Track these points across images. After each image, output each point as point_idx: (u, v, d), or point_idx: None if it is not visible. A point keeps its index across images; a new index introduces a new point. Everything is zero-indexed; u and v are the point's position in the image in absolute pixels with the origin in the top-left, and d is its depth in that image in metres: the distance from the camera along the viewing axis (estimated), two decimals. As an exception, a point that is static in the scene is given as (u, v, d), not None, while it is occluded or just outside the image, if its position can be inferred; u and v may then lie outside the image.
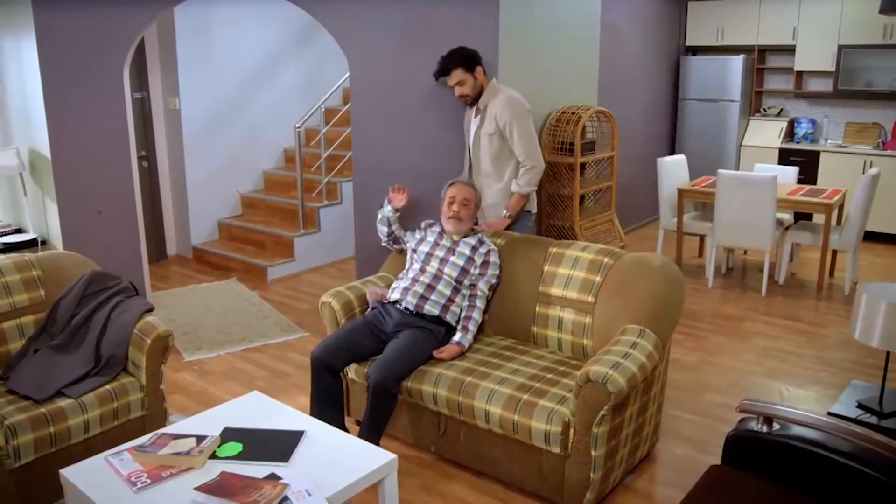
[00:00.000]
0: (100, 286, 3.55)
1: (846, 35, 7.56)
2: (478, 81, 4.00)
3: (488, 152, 4.01)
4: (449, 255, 3.59)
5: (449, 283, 3.54)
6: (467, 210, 3.66)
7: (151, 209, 6.76)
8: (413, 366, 3.36)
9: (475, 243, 3.64)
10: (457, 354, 3.41)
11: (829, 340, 4.92)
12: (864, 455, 2.31)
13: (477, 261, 3.60)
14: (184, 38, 6.50)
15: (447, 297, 3.52)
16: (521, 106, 3.97)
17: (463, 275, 3.57)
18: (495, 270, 3.63)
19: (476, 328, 3.52)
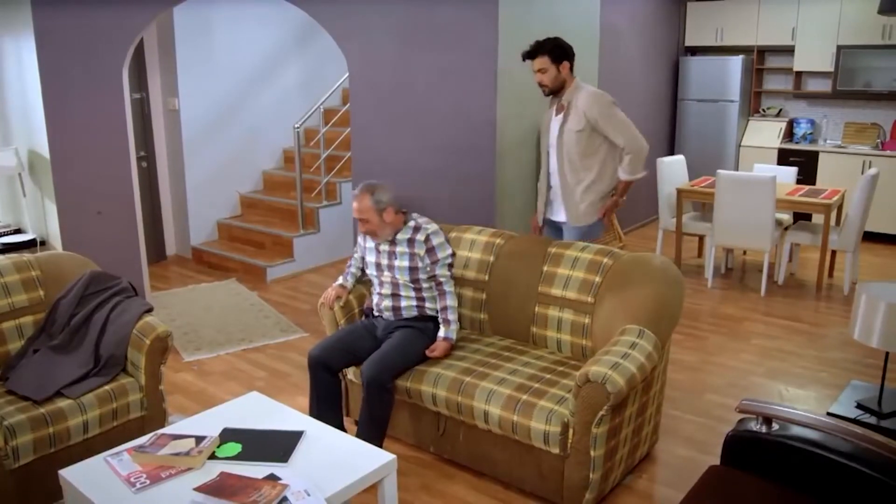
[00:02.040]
0: (99, 287, 3.55)
1: (845, 35, 7.56)
2: (560, 76, 3.97)
3: (576, 148, 3.96)
4: (392, 260, 3.45)
5: (408, 286, 3.45)
6: (372, 222, 3.36)
7: (151, 209, 6.76)
8: (408, 362, 3.35)
9: (410, 235, 3.42)
10: (448, 350, 3.40)
11: (829, 341, 4.93)
12: (863, 455, 2.31)
13: (420, 252, 3.40)
14: (183, 38, 6.49)
15: (415, 298, 3.47)
16: (606, 97, 3.99)
17: (415, 273, 3.42)
18: (445, 252, 3.44)
19: (456, 314, 3.46)
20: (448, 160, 4.60)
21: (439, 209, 4.69)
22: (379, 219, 3.35)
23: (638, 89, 7.85)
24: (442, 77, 4.51)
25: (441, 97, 4.54)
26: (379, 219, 3.35)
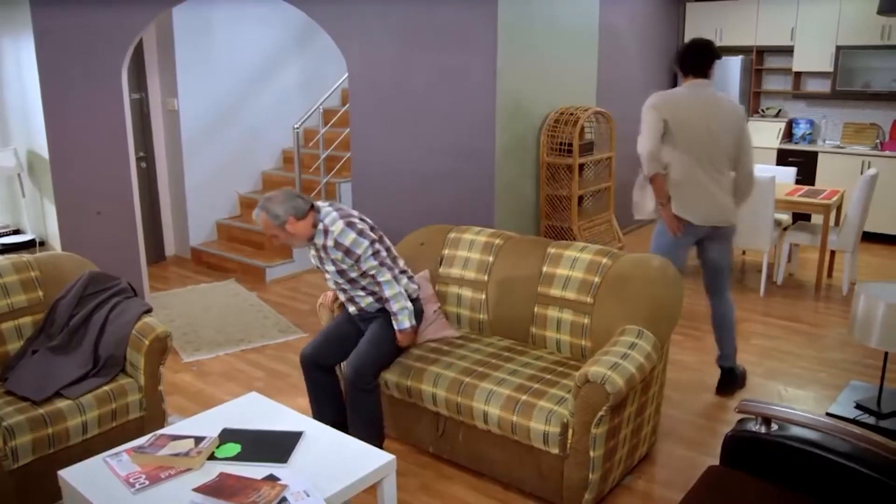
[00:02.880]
0: (98, 287, 3.55)
1: (844, 36, 7.56)
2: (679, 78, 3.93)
3: None
4: (326, 264, 3.34)
5: (350, 285, 3.35)
6: (280, 237, 3.25)
7: (150, 210, 6.76)
8: (384, 356, 3.35)
9: (323, 240, 3.24)
10: (411, 338, 3.38)
11: (828, 341, 4.93)
12: (862, 455, 2.31)
13: (338, 256, 3.23)
14: (182, 38, 6.49)
15: (366, 294, 3.37)
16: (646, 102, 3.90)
17: (345, 274, 3.30)
18: (361, 247, 3.20)
19: (399, 303, 3.28)
20: (447, 160, 4.60)
21: (438, 209, 4.69)
22: (284, 233, 3.20)
23: (637, 89, 7.84)
24: (441, 77, 4.52)
25: (440, 97, 4.55)
26: (284, 233, 3.20)
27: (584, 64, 5.30)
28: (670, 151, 3.80)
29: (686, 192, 3.83)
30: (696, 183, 3.82)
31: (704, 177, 3.81)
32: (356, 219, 3.28)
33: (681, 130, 3.77)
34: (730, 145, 3.80)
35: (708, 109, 3.77)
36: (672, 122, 3.75)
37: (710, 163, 3.80)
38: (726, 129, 3.77)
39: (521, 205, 4.83)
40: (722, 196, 3.86)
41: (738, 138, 3.81)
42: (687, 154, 3.79)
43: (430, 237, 4.02)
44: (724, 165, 3.84)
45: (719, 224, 3.91)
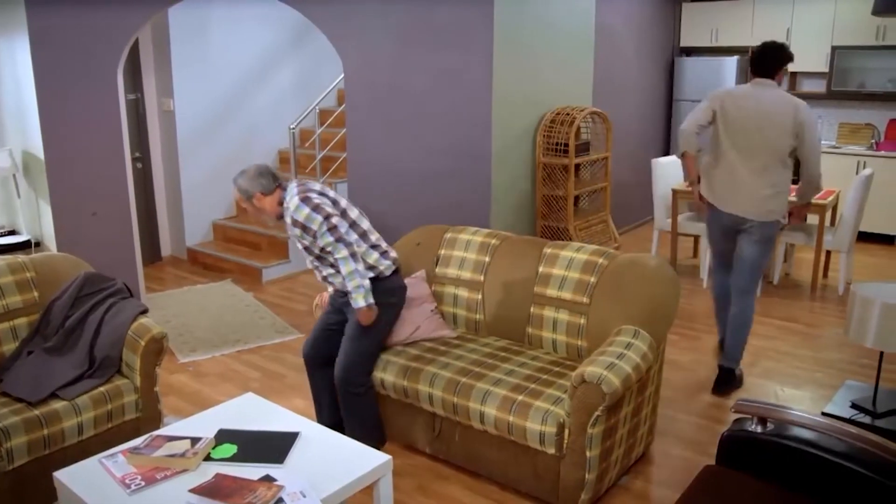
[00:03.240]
0: (94, 288, 3.54)
1: (839, 36, 7.58)
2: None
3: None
4: (297, 243, 3.31)
5: (320, 261, 3.29)
6: (249, 211, 3.26)
7: (146, 210, 6.75)
8: (367, 349, 3.33)
9: (286, 217, 3.22)
10: (368, 317, 3.22)
11: (824, 341, 4.94)
12: (857, 455, 2.31)
13: (298, 232, 3.19)
14: (178, 39, 6.49)
15: (335, 271, 3.29)
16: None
17: (311, 250, 3.26)
18: (315, 222, 3.11)
19: (353, 280, 3.14)
20: (443, 161, 4.60)
21: (435, 210, 4.69)
22: (252, 207, 3.22)
23: (633, 90, 7.86)
24: (437, 78, 4.52)
25: (437, 98, 4.55)
26: (252, 207, 3.22)
27: (580, 64, 5.30)
28: (714, 139, 4.07)
29: (716, 177, 4.07)
30: (729, 172, 4.01)
31: (741, 169, 3.97)
32: (314, 193, 3.19)
33: (727, 122, 3.97)
34: (783, 145, 3.87)
35: (761, 108, 3.88)
36: (720, 113, 3.98)
37: (752, 157, 3.93)
38: (778, 128, 3.85)
39: (518, 205, 4.83)
40: (756, 190, 3.95)
41: (794, 139, 3.86)
42: (728, 144, 3.99)
43: (427, 237, 4.02)
44: (770, 162, 3.91)
45: (744, 215, 4.01)
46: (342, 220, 3.19)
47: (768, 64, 3.93)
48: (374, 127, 4.83)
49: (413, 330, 3.58)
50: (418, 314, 3.65)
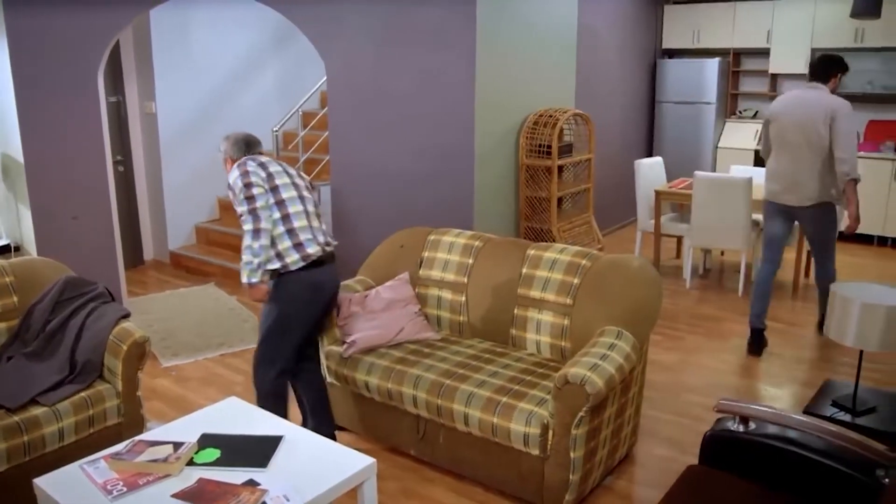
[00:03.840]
0: (74, 292, 3.51)
1: (819, 38, 7.66)
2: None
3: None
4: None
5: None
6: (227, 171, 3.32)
7: (128, 214, 6.70)
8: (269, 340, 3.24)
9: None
10: (253, 296, 3.15)
11: (805, 340, 4.98)
12: (838, 453, 2.34)
13: (231, 195, 3.18)
14: (160, 41, 6.45)
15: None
16: None
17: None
18: (236, 188, 3.10)
19: (246, 255, 3.07)
20: (427, 162, 4.60)
21: (418, 212, 4.69)
22: (226, 169, 3.32)
23: (616, 91, 7.90)
24: (420, 80, 4.52)
25: (419, 100, 4.55)
26: (226, 169, 3.32)
27: (562, 66, 5.32)
28: (766, 142, 4.72)
29: (768, 172, 4.67)
30: (775, 166, 4.59)
31: (785, 161, 4.52)
32: (254, 164, 3.16)
33: (775, 125, 4.57)
34: (822, 137, 4.36)
35: (803, 107, 4.42)
36: (771, 118, 4.60)
37: (795, 150, 4.47)
38: (815, 123, 4.36)
39: (501, 207, 4.84)
40: (802, 179, 4.47)
41: (828, 131, 4.34)
42: (774, 143, 4.59)
43: (410, 239, 4.02)
44: (813, 154, 4.41)
45: (788, 203, 4.56)
46: (265, 195, 3.11)
47: (819, 70, 4.51)
48: (356, 129, 4.83)
49: (397, 332, 3.58)
50: (402, 316, 3.65)
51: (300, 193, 3.26)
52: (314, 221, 3.27)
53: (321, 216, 3.40)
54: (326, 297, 3.35)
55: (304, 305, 3.26)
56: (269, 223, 3.11)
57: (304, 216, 3.22)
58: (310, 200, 3.32)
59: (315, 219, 3.29)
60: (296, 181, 3.29)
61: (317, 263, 3.22)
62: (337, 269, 3.39)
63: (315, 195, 3.45)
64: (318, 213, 3.36)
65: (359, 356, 3.47)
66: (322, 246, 3.24)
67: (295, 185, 3.26)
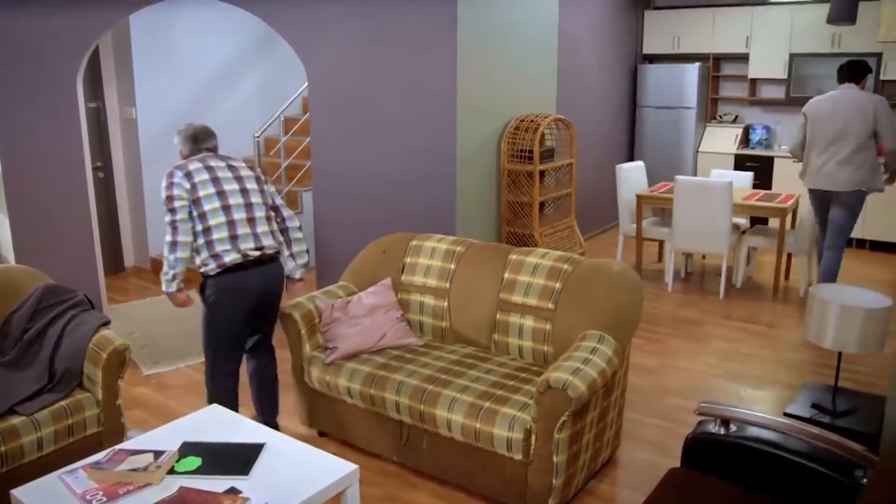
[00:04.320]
0: (53, 300, 3.48)
1: (797, 44, 7.74)
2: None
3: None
4: None
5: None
6: None
7: (108, 220, 6.65)
8: (205, 341, 3.46)
9: None
10: (177, 302, 3.42)
11: (786, 342, 5.02)
12: (818, 454, 2.36)
13: None
14: (140, 46, 6.41)
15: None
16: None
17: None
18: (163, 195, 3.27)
19: (164, 266, 3.30)
20: (409, 168, 4.61)
21: (400, 218, 4.69)
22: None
23: (597, 96, 7.94)
24: (401, 85, 4.52)
25: (401, 106, 4.55)
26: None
27: (543, 72, 5.35)
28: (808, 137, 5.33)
29: (806, 165, 5.37)
30: (813, 158, 5.30)
31: (824, 153, 5.22)
32: (180, 174, 3.24)
33: (813, 122, 5.26)
34: (860, 131, 5.05)
35: (841, 106, 5.11)
36: (808, 116, 5.30)
37: (832, 144, 5.16)
38: (855, 120, 5.05)
39: (483, 212, 4.85)
40: (836, 169, 5.17)
41: (871, 126, 5.03)
42: (813, 138, 5.28)
43: (392, 245, 4.01)
44: (850, 147, 5.09)
45: (827, 188, 5.25)
46: (187, 208, 3.22)
47: (849, 73, 5.17)
48: (338, 135, 4.82)
49: (379, 338, 3.58)
50: (384, 322, 3.65)
51: (225, 203, 3.28)
52: (241, 229, 3.30)
53: (267, 208, 3.46)
54: (251, 299, 3.37)
55: (226, 308, 3.35)
56: (188, 235, 3.23)
57: (226, 227, 3.26)
58: (242, 207, 3.33)
59: (244, 225, 3.31)
60: (226, 188, 3.31)
61: (241, 267, 3.29)
62: (274, 269, 3.43)
63: (268, 187, 3.54)
64: (262, 215, 3.40)
65: (341, 362, 3.46)
66: (244, 252, 3.28)
67: (221, 193, 3.29)
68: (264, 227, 3.39)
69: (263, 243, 3.35)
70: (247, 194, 3.36)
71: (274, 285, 3.45)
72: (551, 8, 5.32)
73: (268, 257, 3.38)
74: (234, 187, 3.34)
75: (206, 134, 3.47)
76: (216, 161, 3.38)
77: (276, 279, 3.45)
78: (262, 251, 3.34)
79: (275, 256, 3.43)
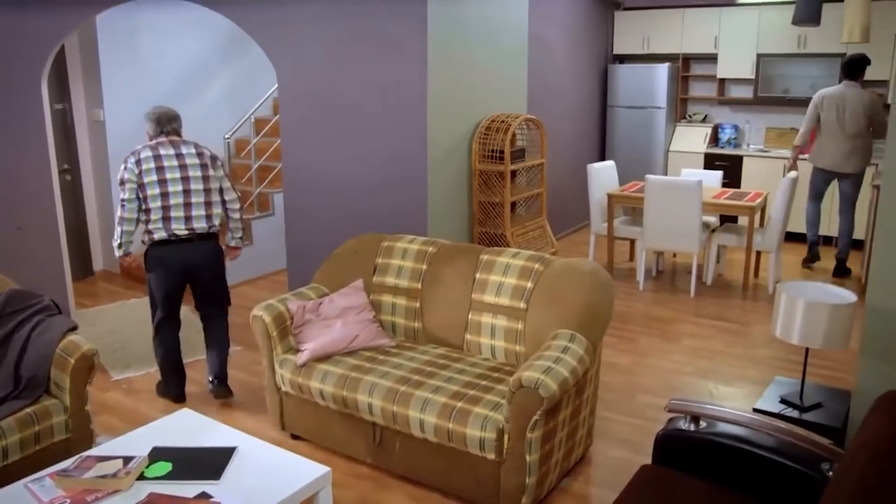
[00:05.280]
0: (19, 305, 3.42)
1: (764, 44, 7.85)
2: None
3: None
4: None
5: None
6: None
7: (75, 224, 6.55)
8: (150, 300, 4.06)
9: None
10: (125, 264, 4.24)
11: (755, 339, 5.08)
12: (785, 449, 2.39)
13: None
14: (107, 47, 6.32)
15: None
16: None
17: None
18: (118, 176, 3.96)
19: (115, 237, 3.96)
20: (380, 169, 4.59)
21: (372, 219, 4.68)
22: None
23: (568, 97, 7.98)
24: (372, 86, 4.51)
25: (371, 106, 4.54)
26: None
27: (514, 72, 5.36)
28: (820, 125, 6.33)
29: (818, 149, 6.38)
30: (824, 144, 6.30)
31: (831, 141, 6.24)
32: (133, 161, 3.85)
33: (823, 113, 6.26)
34: (857, 122, 6.10)
35: (844, 100, 6.12)
36: (819, 108, 6.29)
37: (838, 132, 6.18)
38: (853, 112, 6.10)
39: (455, 212, 4.85)
40: (842, 153, 6.22)
41: (865, 117, 6.08)
42: (823, 126, 6.28)
43: (363, 246, 4.01)
44: (851, 134, 6.14)
45: (837, 169, 6.30)
46: (134, 190, 3.84)
47: (850, 70, 6.13)
48: (309, 136, 4.79)
49: (351, 339, 3.57)
50: (356, 323, 3.64)
51: (165, 190, 3.83)
52: (175, 212, 3.85)
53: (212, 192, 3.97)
54: (176, 269, 3.91)
55: (157, 272, 3.92)
56: (133, 213, 3.86)
57: (161, 210, 3.84)
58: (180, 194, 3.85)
59: (178, 209, 3.85)
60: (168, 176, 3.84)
61: (168, 243, 3.87)
62: (203, 246, 3.96)
63: (216, 172, 4.03)
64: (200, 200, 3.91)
65: (313, 364, 3.45)
66: (172, 232, 3.85)
67: (163, 180, 3.83)
68: (200, 210, 3.90)
69: (194, 225, 3.89)
70: (187, 181, 3.88)
71: (200, 259, 3.95)
72: (522, 9, 5.34)
73: (197, 236, 3.91)
74: (177, 175, 3.86)
75: (169, 118, 3.96)
76: (167, 149, 3.89)
77: (202, 254, 3.96)
78: (192, 231, 3.88)
79: (206, 235, 3.95)
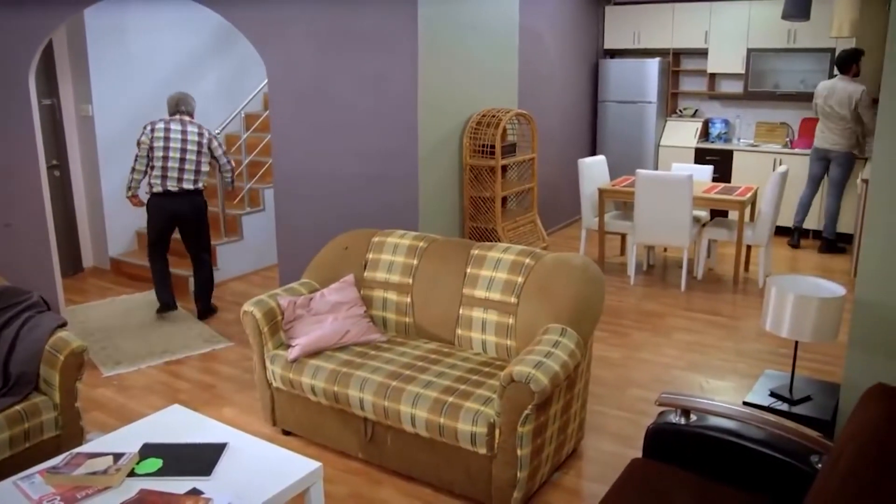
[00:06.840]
0: (8, 302, 3.40)
1: (754, 39, 7.86)
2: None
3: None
4: None
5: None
6: None
7: (65, 220, 6.52)
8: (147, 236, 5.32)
9: None
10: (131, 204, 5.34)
11: (745, 332, 5.11)
12: (775, 441, 2.40)
13: None
14: (96, 41, 6.28)
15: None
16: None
17: None
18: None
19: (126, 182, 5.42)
20: (371, 164, 4.59)
21: (362, 214, 4.67)
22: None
23: (559, 91, 7.98)
24: (362, 82, 4.50)
25: (362, 101, 4.53)
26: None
27: (505, 67, 5.36)
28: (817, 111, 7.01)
29: (816, 132, 7.02)
30: (819, 127, 6.96)
31: (825, 126, 6.88)
32: (149, 129, 5.04)
33: (819, 101, 6.87)
34: (842, 109, 6.68)
35: (835, 93, 6.72)
36: (818, 98, 6.90)
37: (830, 119, 6.80)
38: (839, 101, 6.69)
39: (446, 207, 4.85)
40: (833, 137, 6.84)
41: (848, 107, 6.64)
42: (819, 113, 6.92)
43: (354, 241, 4.00)
44: (841, 121, 6.73)
45: (826, 146, 6.89)
46: (146, 150, 5.02)
47: (843, 65, 6.72)
48: (299, 131, 4.78)
49: (342, 335, 3.56)
50: (347, 319, 3.63)
51: (166, 154, 5.00)
52: (171, 173, 5.01)
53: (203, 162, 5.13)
54: (166, 215, 5.10)
55: (151, 216, 5.15)
56: (143, 167, 5.06)
57: (161, 170, 5.01)
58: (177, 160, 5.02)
59: (174, 171, 5.02)
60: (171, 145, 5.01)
61: (162, 196, 5.05)
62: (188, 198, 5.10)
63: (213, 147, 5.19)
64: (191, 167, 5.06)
65: (304, 360, 3.44)
66: (165, 187, 5.02)
67: (167, 147, 5.00)
68: (190, 175, 5.05)
69: (183, 185, 5.05)
70: (185, 152, 5.04)
71: (185, 208, 5.10)
72: (512, 4, 5.34)
73: (184, 191, 5.07)
74: (178, 146, 5.02)
75: (176, 101, 5.18)
76: (176, 125, 5.08)
77: (186, 205, 5.10)
78: (180, 187, 5.05)
79: (192, 192, 5.10)
